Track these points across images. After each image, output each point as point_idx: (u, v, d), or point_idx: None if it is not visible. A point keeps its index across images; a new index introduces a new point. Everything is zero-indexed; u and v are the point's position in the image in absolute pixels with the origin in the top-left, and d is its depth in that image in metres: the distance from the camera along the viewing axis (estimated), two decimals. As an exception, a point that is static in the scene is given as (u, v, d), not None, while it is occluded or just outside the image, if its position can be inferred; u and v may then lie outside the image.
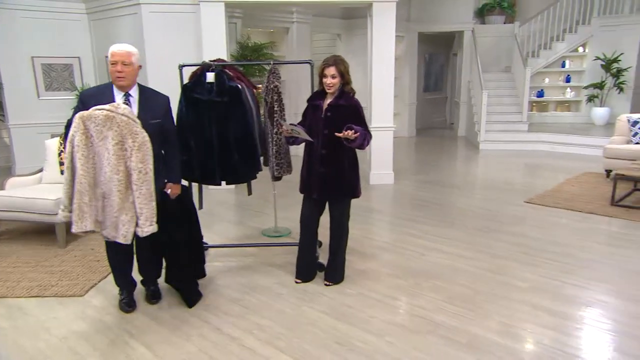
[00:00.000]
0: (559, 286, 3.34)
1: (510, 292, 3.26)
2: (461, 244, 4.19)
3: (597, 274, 3.55)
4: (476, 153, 8.87)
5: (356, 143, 3.10)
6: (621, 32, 9.74)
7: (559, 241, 4.22)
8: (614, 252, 3.95)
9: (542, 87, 10.65)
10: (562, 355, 2.54)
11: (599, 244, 4.15)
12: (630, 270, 3.60)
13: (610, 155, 6.30)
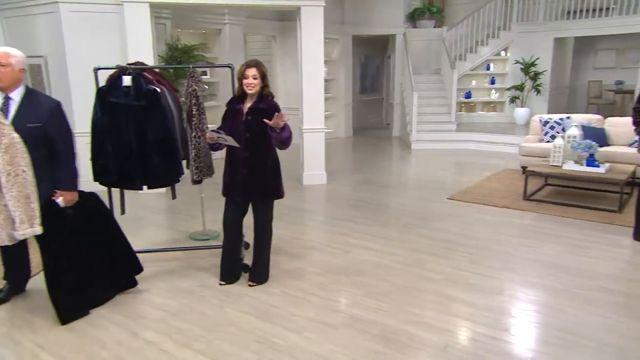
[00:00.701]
0: (469, 277, 3.60)
1: (425, 285, 3.47)
2: (386, 241, 4.38)
3: (505, 264, 3.84)
4: (408, 153, 9.23)
5: (284, 133, 3.16)
6: (537, 38, 10.50)
7: (474, 235, 4.52)
8: (523, 244, 4.29)
9: (469, 89, 11.25)
10: (467, 341, 2.75)
11: (510, 237, 4.49)
12: (534, 260, 3.93)
13: (525, 153, 6.79)
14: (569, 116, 7.02)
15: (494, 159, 8.31)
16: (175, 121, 3.57)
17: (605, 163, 5.45)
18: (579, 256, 3.99)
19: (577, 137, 5.84)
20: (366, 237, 4.48)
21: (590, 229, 4.65)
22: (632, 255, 4.05)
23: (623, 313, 3.05)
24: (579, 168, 5.44)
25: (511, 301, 3.22)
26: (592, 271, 3.68)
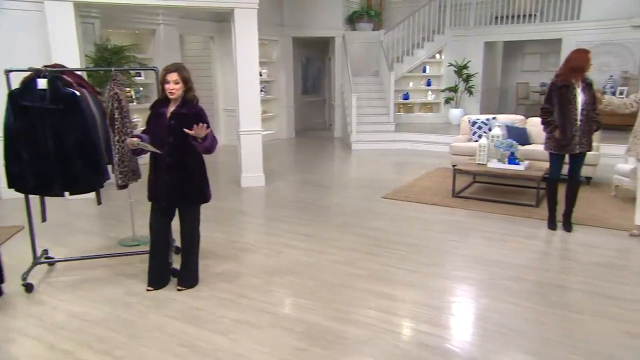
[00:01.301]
0: (396, 272, 3.76)
1: (354, 282, 3.59)
2: (320, 240, 4.48)
3: (431, 259, 4.04)
4: (349, 153, 9.43)
5: (207, 142, 3.18)
6: (468, 41, 11.04)
7: (405, 232, 4.72)
8: (448, 239, 4.53)
9: (407, 90, 11.64)
10: (387, 333, 2.88)
11: (437, 233, 4.72)
12: (457, 254, 4.16)
13: (455, 152, 7.13)
14: (495, 117, 7.44)
15: (429, 158, 8.65)
16: (98, 125, 3.48)
17: (525, 161, 5.84)
18: (498, 249, 4.27)
19: (500, 136, 6.21)
20: (300, 238, 4.56)
21: (510, 222, 4.97)
22: (544, 246, 4.38)
23: (533, 300, 3.30)
24: (501, 166, 5.79)
25: (433, 294, 3.40)
26: (508, 262, 3.94)
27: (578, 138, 4.38)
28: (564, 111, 4.35)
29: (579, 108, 4.34)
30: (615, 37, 9.65)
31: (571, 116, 4.34)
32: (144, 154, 3.32)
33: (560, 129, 4.39)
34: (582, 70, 4.31)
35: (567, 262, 4.03)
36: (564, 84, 4.37)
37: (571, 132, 4.36)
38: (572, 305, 3.22)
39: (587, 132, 4.38)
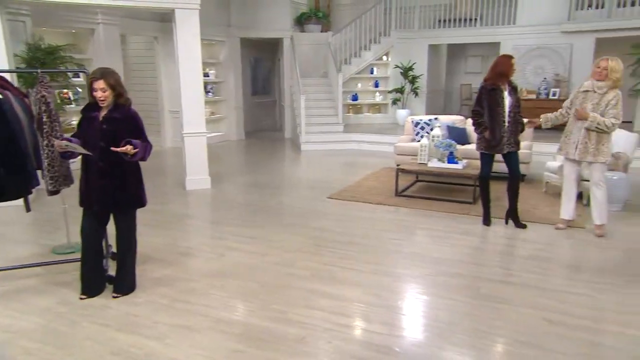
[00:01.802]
0: (336, 271, 3.83)
1: (293, 282, 3.64)
2: (262, 242, 4.50)
3: (371, 257, 4.15)
4: (298, 154, 9.49)
5: (137, 157, 3.15)
6: (413, 44, 11.38)
7: (347, 231, 4.82)
8: (389, 237, 4.66)
9: (356, 92, 11.85)
10: (324, 331, 2.95)
11: (379, 231, 4.85)
12: (397, 251, 4.29)
13: (399, 152, 7.34)
14: (437, 117, 7.72)
15: (376, 158, 8.85)
16: (25, 128, 3.35)
17: (464, 160, 6.10)
18: (437, 245, 4.45)
19: (440, 136, 6.46)
20: (244, 240, 4.56)
21: (449, 219, 5.19)
22: (479, 241, 4.60)
23: (466, 293, 3.47)
24: (441, 165, 6.03)
25: (372, 291, 3.49)
26: (445, 258, 4.12)
27: (506, 138, 4.62)
28: (493, 113, 4.59)
29: (506, 110, 4.59)
30: (547, 42, 10.24)
31: (499, 118, 4.58)
32: (74, 158, 3.23)
33: (490, 130, 4.63)
34: (506, 75, 4.56)
35: (498, 256, 4.25)
36: (492, 87, 4.61)
37: (500, 133, 4.61)
38: (500, 296, 3.40)
39: (514, 132, 4.64)
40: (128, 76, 9.34)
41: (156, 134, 10.01)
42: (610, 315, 3.11)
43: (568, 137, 4.54)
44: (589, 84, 4.38)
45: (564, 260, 4.07)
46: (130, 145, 3.06)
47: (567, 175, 4.70)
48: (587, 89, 4.37)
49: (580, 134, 4.39)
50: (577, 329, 2.94)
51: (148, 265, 3.89)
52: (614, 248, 4.30)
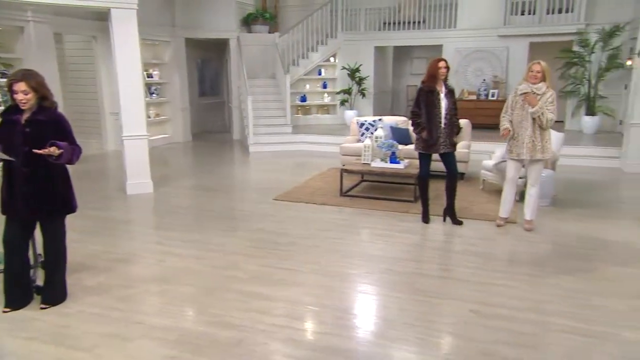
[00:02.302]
0: (275, 273, 3.86)
1: (232, 285, 3.63)
2: (203, 246, 4.46)
3: (311, 257, 4.20)
4: (246, 156, 9.44)
5: (63, 159, 3.05)
6: (360, 46, 11.58)
7: (289, 232, 4.86)
8: (331, 237, 4.73)
9: (304, 93, 11.91)
10: (260, 333, 2.97)
11: (321, 231, 4.91)
12: (337, 250, 4.37)
13: (344, 152, 7.46)
14: (381, 118, 7.90)
15: (325, 158, 8.94)
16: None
17: (405, 160, 6.29)
18: (376, 244, 4.57)
19: (383, 137, 6.62)
20: (184, 244, 4.50)
21: (390, 218, 5.33)
22: (417, 238, 4.75)
23: (401, 289, 3.59)
24: (383, 165, 6.18)
25: (309, 291, 3.55)
26: (384, 256, 4.24)
27: (442, 139, 4.81)
28: (430, 114, 4.77)
29: (442, 112, 4.78)
30: (486, 45, 10.71)
31: (436, 119, 4.77)
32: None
33: (427, 131, 4.80)
34: (435, 76, 4.75)
35: (435, 252, 4.43)
36: (429, 89, 4.78)
37: (436, 133, 4.79)
38: (433, 291, 3.54)
39: (450, 134, 4.83)
40: (64, 77, 8.97)
41: (97, 137, 9.68)
42: (532, 304, 3.31)
43: (516, 139, 4.67)
44: (526, 87, 4.60)
45: (495, 255, 4.28)
46: (54, 147, 2.96)
47: (512, 176, 4.85)
48: (525, 91, 4.59)
49: (527, 133, 4.58)
50: (501, 319, 3.11)
51: (81, 274, 3.77)
52: (541, 242, 4.57)
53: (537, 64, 4.57)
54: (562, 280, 3.67)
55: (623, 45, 9.16)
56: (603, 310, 3.21)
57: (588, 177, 7.29)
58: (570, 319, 3.10)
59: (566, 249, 4.36)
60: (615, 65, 9.16)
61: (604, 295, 3.43)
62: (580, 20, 9.70)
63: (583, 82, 9.57)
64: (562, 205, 5.73)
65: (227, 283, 3.67)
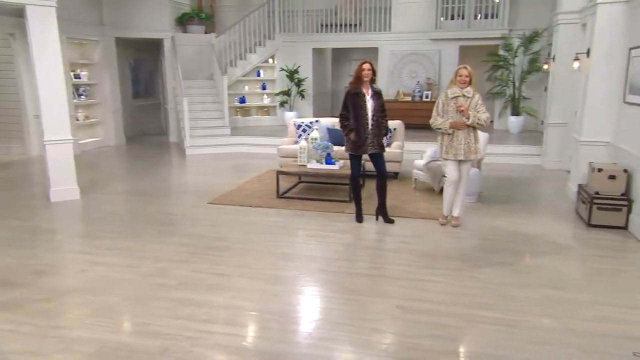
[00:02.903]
0: (207, 278, 3.80)
1: (160, 293, 3.53)
2: (133, 253, 4.31)
3: (244, 260, 4.17)
4: (183, 159, 9.21)
5: None
6: (298, 47, 11.64)
7: (224, 236, 4.79)
8: (265, 239, 4.71)
9: (243, 94, 11.80)
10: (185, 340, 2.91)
11: (256, 234, 4.88)
12: (271, 253, 4.36)
13: (282, 154, 7.45)
14: (318, 120, 7.98)
15: (263, 160, 8.88)
16: None
17: (340, 160, 6.38)
18: (310, 244, 4.61)
19: (318, 139, 6.69)
20: (112, 253, 4.32)
21: (325, 218, 5.39)
22: (350, 238, 4.82)
23: (331, 288, 3.64)
24: (319, 166, 6.24)
25: (238, 295, 3.52)
26: (316, 256, 4.28)
27: (370, 140, 4.92)
28: (357, 116, 4.87)
29: (369, 114, 4.88)
30: (419, 48, 11.10)
31: (363, 120, 4.87)
32: None
33: (355, 132, 4.90)
34: (360, 79, 4.87)
35: (366, 251, 4.53)
36: (355, 91, 4.89)
37: (364, 134, 4.90)
38: (362, 289, 3.62)
39: (377, 135, 4.96)
40: (-20, 77, 8.35)
41: (19, 142, 9.09)
42: (456, 298, 3.46)
43: (452, 140, 4.83)
44: (456, 91, 4.79)
45: (424, 251, 4.43)
46: None
47: (455, 178, 4.99)
48: (456, 95, 4.78)
49: (463, 135, 4.77)
50: (427, 313, 3.23)
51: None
52: (467, 237, 4.79)
53: (464, 68, 4.80)
54: (484, 274, 3.87)
55: (542, 49, 9.81)
56: (519, 300, 3.42)
57: (512, 174, 7.73)
58: (489, 309, 3.28)
59: (489, 243, 4.60)
60: (536, 69, 9.79)
61: (521, 286, 3.66)
62: (504, 26, 10.29)
63: (508, 84, 10.15)
64: (488, 201, 6.04)
65: (156, 291, 3.56)
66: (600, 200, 4.99)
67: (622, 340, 2.90)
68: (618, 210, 4.95)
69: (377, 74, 5.01)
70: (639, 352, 2.74)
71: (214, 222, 5.26)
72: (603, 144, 5.61)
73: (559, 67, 7.56)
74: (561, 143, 7.64)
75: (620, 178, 4.98)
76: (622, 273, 3.90)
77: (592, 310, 3.27)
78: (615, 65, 5.41)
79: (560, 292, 3.55)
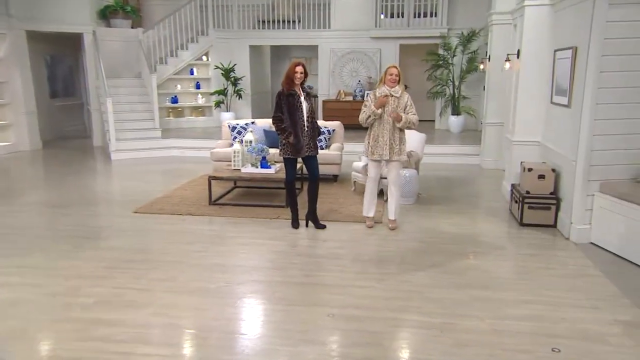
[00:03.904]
0: (127, 294, 3.69)
1: (70, 314, 3.39)
2: (41, 271, 4.11)
3: (170, 274, 4.07)
4: (108, 164, 8.89)
5: None
6: (234, 44, 11.56)
7: (148, 248, 4.68)
8: (194, 250, 4.64)
9: (175, 93, 11.56)
10: (96, 364, 2.83)
11: (184, 244, 4.80)
12: (199, 264, 4.29)
13: (215, 158, 7.37)
14: (254, 121, 7.96)
15: (197, 164, 8.74)
16: None
17: (277, 164, 6.40)
18: (242, 253, 4.59)
19: (253, 141, 6.67)
20: (15, 271, 4.10)
21: (260, 225, 5.39)
22: (284, 245, 4.84)
23: (261, 299, 3.65)
24: (254, 170, 6.22)
25: (158, 311, 3.44)
26: (247, 266, 4.27)
27: (306, 142, 4.98)
28: (294, 118, 4.91)
29: (304, 115, 4.95)
30: (359, 46, 11.35)
31: (300, 122, 4.92)
32: None
33: (294, 135, 4.93)
34: (291, 79, 4.92)
35: (299, 258, 4.56)
36: (289, 92, 4.93)
37: (302, 137, 4.94)
38: (293, 298, 3.66)
39: (312, 137, 5.04)
40: None
41: None
42: (386, 303, 3.57)
43: (377, 141, 5.00)
44: (384, 90, 4.95)
45: (358, 256, 4.53)
46: None
47: (374, 176, 5.20)
48: (385, 94, 4.94)
49: (387, 136, 4.94)
50: (356, 320, 3.31)
51: None
52: (403, 240, 4.95)
53: (393, 67, 4.97)
54: (416, 277, 4.02)
55: (480, 49, 10.31)
56: (448, 302, 3.58)
57: (451, 174, 8.08)
58: (419, 314, 3.41)
59: (424, 246, 4.78)
60: (474, 68, 10.28)
61: (451, 287, 3.83)
62: (443, 25, 10.73)
63: (448, 84, 10.59)
64: (426, 203, 6.28)
65: (65, 312, 3.42)
66: (531, 199, 5.32)
67: (542, 337, 3.11)
68: (547, 209, 5.30)
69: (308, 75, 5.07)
70: (557, 348, 2.96)
71: (139, 233, 5.12)
72: (534, 143, 5.99)
73: (494, 67, 7.99)
74: (498, 143, 8.07)
75: (549, 177, 5.33)
76: (548, 271, 4.18)
77: (517, 309, 3.48)
78: (543, 66, 5.79)
79: (488, 292, 3.75)
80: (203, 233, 5.17)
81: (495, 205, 6.24)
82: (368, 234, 5.14)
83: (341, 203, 6.23)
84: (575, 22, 4.97)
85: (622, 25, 4.43)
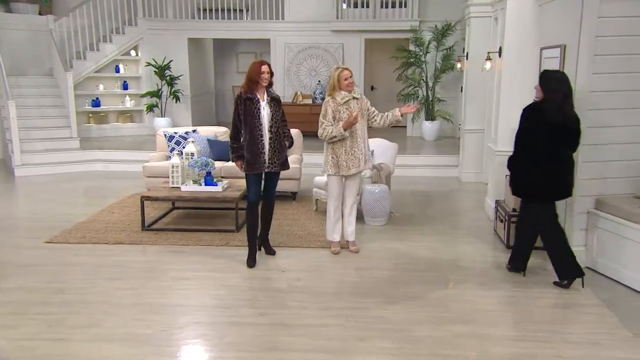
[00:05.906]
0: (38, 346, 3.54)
1: (-32, 372, 3.24)
2: None
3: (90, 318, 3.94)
4: (11, 182, 8.60)
5: None
6: (169, 37, 11.47)
7: (65, 287, 4.52)
8: (123, 287, 4.52)
9: (97, 95, 11.32)
10: None
11: (110, 280, 4.66)
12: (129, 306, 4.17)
13: (148, 173, 7.22)
14: (195, 129, 7.89)
15: (127, 181, 8.56)
16: None
17: (224, 180, 6.34)
18: (181, 290, 4.51)
19: (196, 153, 6.60)
20: None
21: (204, 254, 5.31)
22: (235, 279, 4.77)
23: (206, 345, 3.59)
24: (197, 188, 6.14)
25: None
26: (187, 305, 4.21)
27: (267, 156, 4.92)
28: (251, 126, 4.87)
29: (264, 124, 4.90)
30: (319, 41, 11.50)
31: (256, 132, 4.87)
32: None
33: (247, 145, 4.88)
34: (256, 81, 4.91)
35: (251, 293, 4.53)
36: (247, 96, 4.89)
37: (258, 149, 4.88)
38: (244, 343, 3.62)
39: (278, 150, 4.96)
40: None
41: None
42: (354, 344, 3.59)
43: (350, 154, 5.05)
44: (346, 94, 5.04)
45: (322, 288, 4.53)
46: None
47: (338, 194, 5.23)
48: (347, 99, 5.02)
49: (361, 145, 5.08)
50: (321, 368, 3.32)
51: None
52: (372, 267, 5.00)
53: (345, 69, 5.12)
54: (390, 312, 4.07)
55: (456, 45, 10.65)
56: (426, 341, 3.64)
57: (427, 188, 8.25)
58: (393, 355, 3.44)
59: (398, 274, 4.85)
60: (450, 67, 10.60)
61: (429, 323, 3.89)
62: (413, 17, 11.03)
63: (421, 84, 10.86)
64: (398, 223, 6.38)
65: (-40, 371, 3.26)
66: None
67: (536, 379, 3.20)
68: (536, 228, 5.48)
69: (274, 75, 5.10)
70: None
71: (54, 268, 4.95)
72: (520, 153, 6.19)
73: (472, 66, 8.25)
74: (479, 152, 8.30)
75: (537, 192, 5.52)
76: (537, 301, 4.32)
77: (504, 347, 3.57)
78: (528, 66, 6.02)
79: (471, 326, 3.84)
80: (135, 266, 5.05)
81: (478, 224, 6.42)
82: (334, 261, 5.17)
83: (302, 225, 6.25)
84: (563, 17, 5.21)
85: (616, 22, 4.64)
